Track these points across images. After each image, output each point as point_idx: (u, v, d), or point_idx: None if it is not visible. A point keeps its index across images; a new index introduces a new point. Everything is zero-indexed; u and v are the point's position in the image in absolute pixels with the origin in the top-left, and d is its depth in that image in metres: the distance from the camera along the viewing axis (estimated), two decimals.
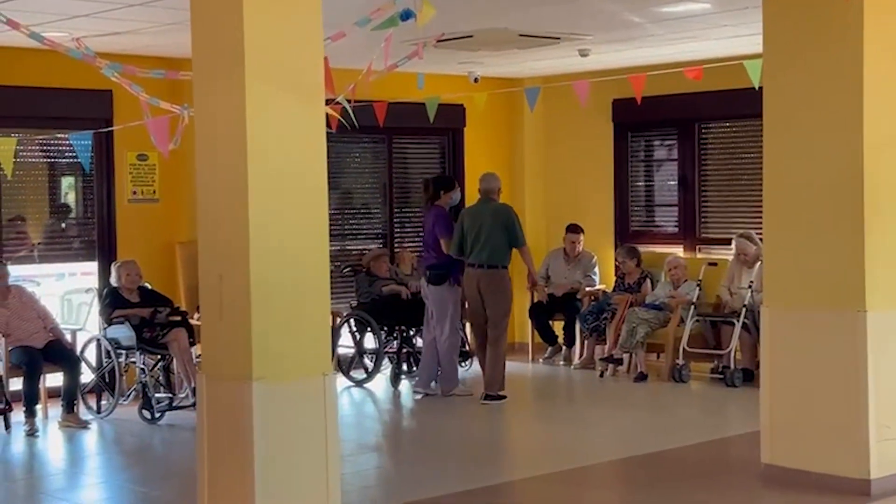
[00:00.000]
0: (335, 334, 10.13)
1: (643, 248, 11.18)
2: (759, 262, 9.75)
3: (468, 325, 10.06)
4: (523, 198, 11.97)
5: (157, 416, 8.76)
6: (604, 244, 11.94)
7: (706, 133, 11.50)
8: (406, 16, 6.17)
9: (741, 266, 10.20)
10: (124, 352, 9.01)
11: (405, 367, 10.42)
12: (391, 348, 10.38)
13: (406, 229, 11.95)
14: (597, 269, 11.62)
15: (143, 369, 8.92)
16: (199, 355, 6.66)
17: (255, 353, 4.43)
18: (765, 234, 6.81)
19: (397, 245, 11.72)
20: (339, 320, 10.50)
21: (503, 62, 10.66)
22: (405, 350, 10.41)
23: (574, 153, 12.32)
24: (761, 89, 6.70)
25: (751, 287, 9.83)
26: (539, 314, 11.26)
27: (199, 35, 4.78)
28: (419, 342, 10.61)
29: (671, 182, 11.84)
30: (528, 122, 12.34)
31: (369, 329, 10.38)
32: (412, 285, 10.50)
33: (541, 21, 8.47)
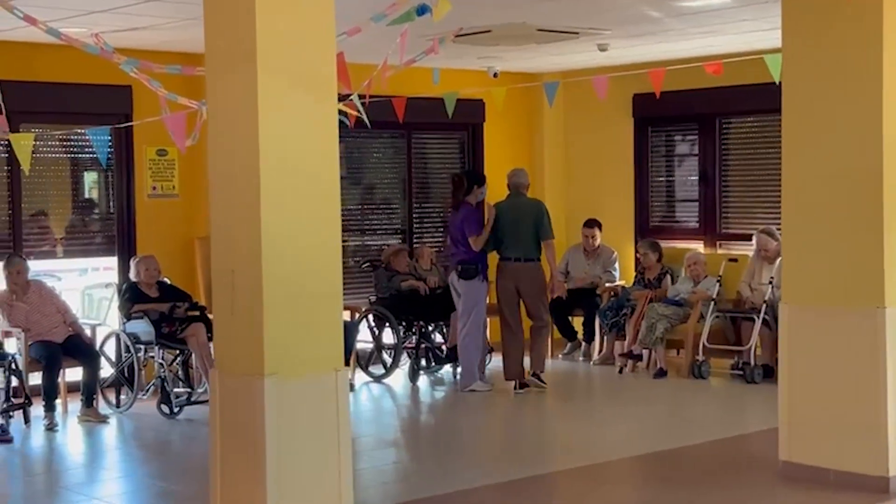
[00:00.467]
0: (354, 329, 10.14)
1: (663, 244, 11.13)
2: (779, 258, 9.69)
3: (499, 320, 10.04)
4: (543, 193, 11.92)
5: (176, 410, 8.78)
6: (624, 240, 11.90)
7: (727, 128, 11.45)
8: (422, 11, 6.18)
9: (762, 262, 10.15)
10: (143, 346, 9.04)
11: (424, 362, 10.41)
12: (410, 344, 10.38)
13: (425, 225, 11.95)
14: (617, 265, 11.58)
15: (161, 364, 8.95)
16: None
17: (268, 348, 4.43)
18: (783, 229, 6.76)
19: (417, 240, 11.71)
20: (357, 315, 10.51)
21: (522, 57, 10.64)
22: (424, 345, 10.41)
23: (594, 148, 12.29)
24: (782, 84, 6.66)
25: (771, 283, 9.78)
26: (558, 310, 11.22)
27: (211, 29, 4.79)
28: (438, 338, 10.62)
29: (692, 177, 11.79)
30: (548, 117, 12.32)
31: (388, 324, 10.38)
32: (431, 281, 10.50)
33: (559, 15, 8.45)
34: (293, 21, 4.57)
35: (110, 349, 9.32)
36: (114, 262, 10.10)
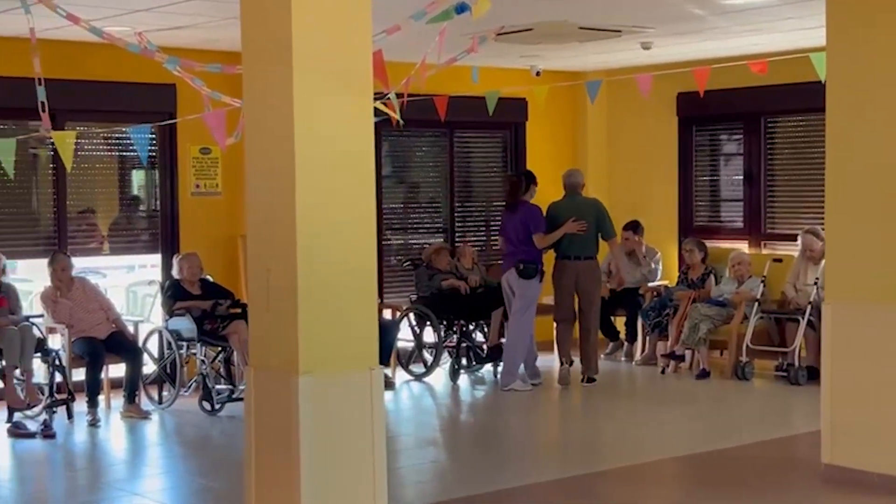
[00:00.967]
0: (395, 328, 10.15)
1: (707, 244, 11.03)
2: (824, 259, 9.58)
3: (554, 316, 10.08)
4: (586, 192, 11.84)
5: (217, 407, 8.83)
6: (667, 239, 11.82)
7: (773, 127, 11.33)
8: (461, 9, 6.16)
9: (807, 262, 10.04)
10: (185, 343, 9.10)
11: (464, 361, 10.39)
12: (450, 342, 10.36)
13: (467, 224, 11.93)
14: (660, 265, 11.51)
15: (203, 361, 9.00)
16: None
17: (302, 346, 4.44)
18: (826, 228, 6.69)
19: (458, 239, 11.70)
20: (398, 314, 10.51)
21: (565, 55, 10.59)
22: (464, 345, 10.39)
23: (638, 147, 12.22)
24: (826, 82, 6.59)
25: (816, 284, 9.66)
26: (601, 309, 11.15)
27: (247, 27, 4.80)
28: (479, 337, 10.60)
29: (736, 177, 11.68)
30: (592, 116, 12.27)
31: (429, 323, 10.38)
32: (472, 280, 10.48)
33: (601, 14, 8.40)
34: (329, 18, 4.56)
35: (153, 346, 9.39)
36: (157, 259, 10.17)
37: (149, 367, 9.30)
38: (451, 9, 6.11)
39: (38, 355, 8.45)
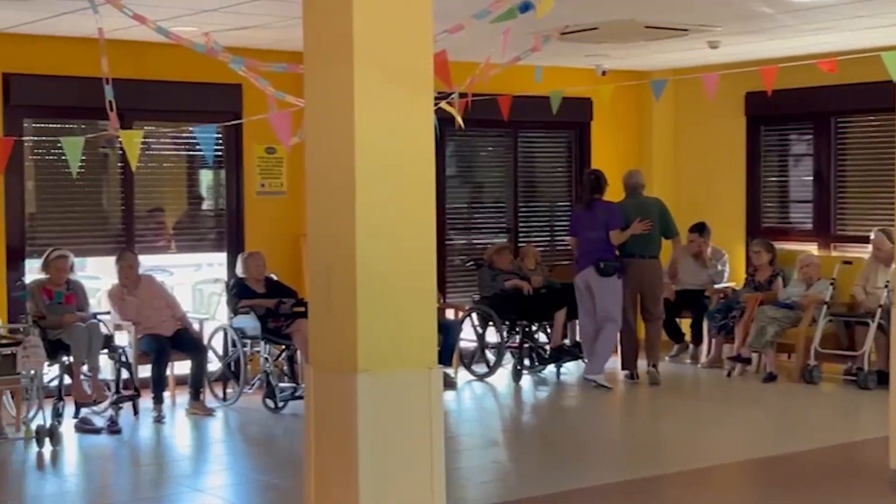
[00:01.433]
0: (457, 328, 10.14)
1: (775, 246, 10.88)
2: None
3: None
4: (651, 193, 11.75)
5: (281, 405, 8.88)
6: (734, 241, 11.69)
7: (843, 127, 11.15)
8: (525, 8, 6.12)
9: (878, 264, 9.87)
10: (249, 341, 9.17)
11: (527, 362, 10.35)
12: (513, 343, 10.33)
13: (531, 223, 11.88)
14: (726, 267, 11.38)
15: (266, 359, 9.07)
16: None
17: (361, 345, 4.43)
18: None
19: (522, 239, 11.66)
20: (461, 314, 10.50)
21: (631, 55, 10.51)
22: (527, 345, 10.35)
23: (704, 147, 12.10)
24: None
25: (887, 286, 9.49)
26: (666, 311, 11.06)
27: (309, 27, 4.81)
28: (542, 338, 10.55)
29: (805, 177, 11.51)
30: (657, 116, 12.17)
31: (491, 323, 10.36)
32: (535, 280, 10.44)
33: (668, 12, 8.32)
34: (390, 17, 4.55)
35: (218, 343, 9.47)
36: (223, 258, 10.25)
37: (213, 365, 9.38)
38: (515, 8, 6.07)
39: (105, 352, 8.56)
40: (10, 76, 9.01)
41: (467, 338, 10.50)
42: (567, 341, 10.59)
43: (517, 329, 10.33)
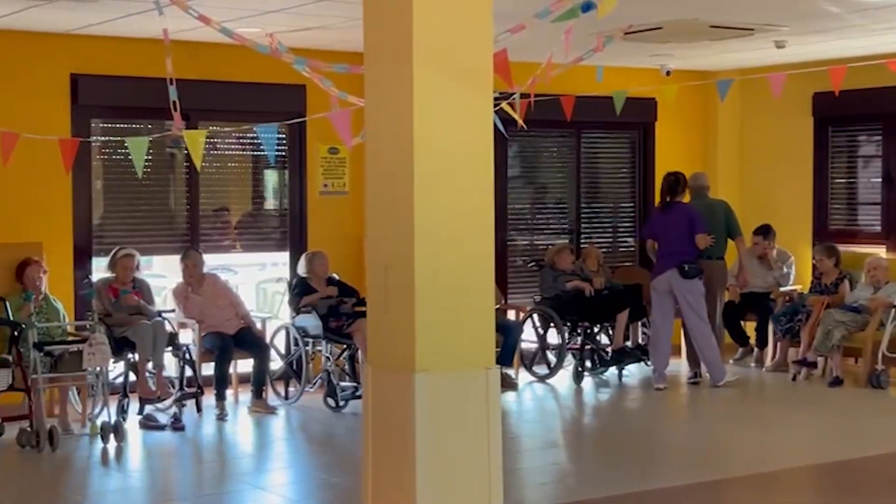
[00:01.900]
0: (518, 329, 10.12)
1: (843, 248, 10.72)
2: None
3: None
4: (717, 194, 11.64)
5: (342, 404, 8.92)
6: (800, 243, 11.53)
7: None
8: (587, 7, 6.08)
9: None
10: (311, 340, 9.22)
11: (588, 363, 10.29)
12: (574, 344, 10.28)
13: (594, 225, 11.82)
14: (792, 269, 11.24)
15: (328, 358, 9.11)
16: None
17: (419, 344, 4.44)
18: None
19: (584, 240, 11.60)
20: (522, 315, 10.47)
21: (696, 54, 10.41)
22: (588, 346, 10.29)
23: (771, 149, 11.95)
24: None
25: None
26: (731, 314, 10.95)
27: (369, 27, 4.82)
28: (604, 339, 10.49)
29: (875, 179, 11.32)
30: (723, 116, 12.05)
31: (552, 324, 10.32)
32: (597, 282, 10.38)
33: (733, 12, 8.23)
34: (449, 16, 4.55)
35: (280, 342, 9.54)
36: (286, 257, 10.32)
37: (276, 363, 9.45)
38: (577, 7, 6.05)
39: (170, 349, 8.65)
40: (77, 76, 9.15)
41: (528, 339, 10.47)
42: (629, 343, 10.52)
43: (578, 330, 10.28)
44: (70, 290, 9.09)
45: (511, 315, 10.48)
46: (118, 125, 9.60)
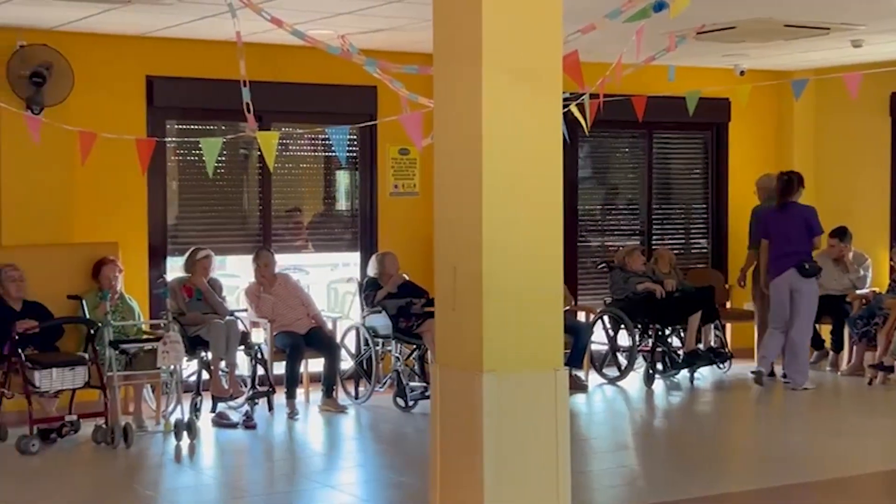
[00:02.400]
0: (588, 330, 10.07)
1: None
2: None
3: (770, 317, 10.00)
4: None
5: (411, 404, 8.95)
6: (878, 244, 11.34)
7: None
8: (659, 7, 6.06)
9: None
10: (381, 340, 9.26)
11: (659, 366, 10.21)
12: (645, 347, 10.21)
13: (665, 226, 11.73)
14: (869, 272, 11.05)
15: (398, 358, 9.14)
16: None
17: (486, 345, 4.44)
18: None
19: (656, 242, 11.51)
20: (592, 316, 10.42)
21: (771, 54, 10.29)
22: (660, 349, 10.21)
23: (847, 149, 11.77)
24: None
25: None
26: None
27: (439, 29, 4.84)
28: (676, 342, 10.40)
29: None
30: (798, 117, 11.89)
31: (623, 326, 10.25)
32: (668, 284, 10.29)
33: (808, 10, 8.12)
34: (519, 18, 4.55)
35: (350, 342, 9.59)
36: (356, 258, 10.38)
37: (346, 363, 9.50)
38: (649, 7, 6.02)
39: (242, 348, 8.74)
40: (152, 79, 9.29)
41: (599, 341, 10.41)
42: (701, 346, 10.41)
43: (649, 333, 10.21)
44: (145, 290, 9.23)
45: (581, 317, 10.43)
46: (193, 126, 9.73)
